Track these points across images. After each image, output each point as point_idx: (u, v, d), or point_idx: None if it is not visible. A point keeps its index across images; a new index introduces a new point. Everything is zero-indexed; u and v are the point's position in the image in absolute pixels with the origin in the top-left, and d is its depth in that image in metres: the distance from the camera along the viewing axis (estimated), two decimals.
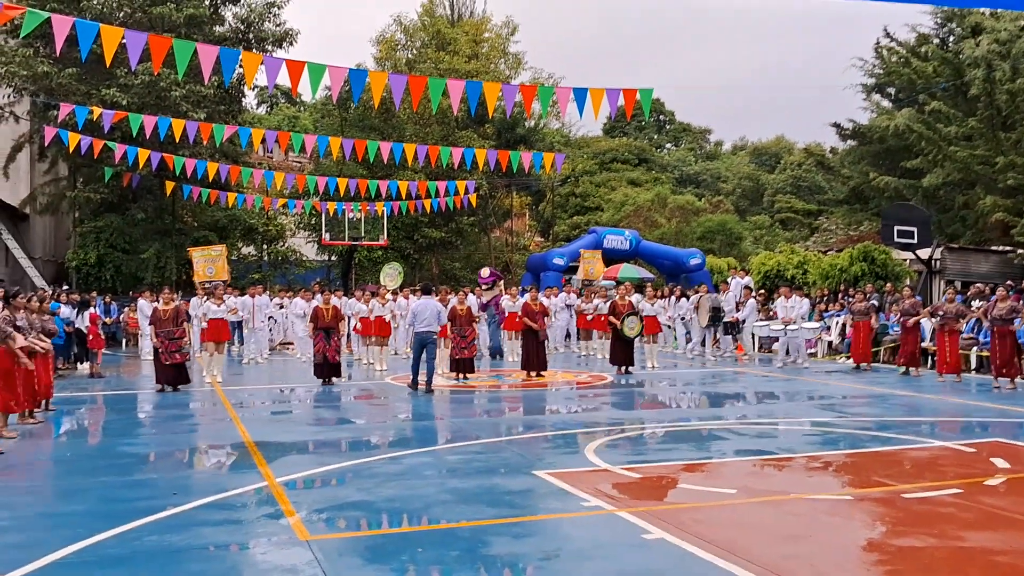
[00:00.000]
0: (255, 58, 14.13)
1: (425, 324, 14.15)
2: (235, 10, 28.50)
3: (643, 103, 14.13)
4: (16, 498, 7.16)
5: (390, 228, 30.21)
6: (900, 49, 32.70)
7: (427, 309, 14.27)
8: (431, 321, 14.18)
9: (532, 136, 41.24)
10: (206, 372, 16.46)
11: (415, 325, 14.34)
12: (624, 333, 16.84)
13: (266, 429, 10.60)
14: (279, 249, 32.53)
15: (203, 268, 21.88)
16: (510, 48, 41.17)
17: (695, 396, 14.21)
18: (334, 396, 14.04)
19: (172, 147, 22.85)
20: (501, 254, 39.81)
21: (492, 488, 7.33)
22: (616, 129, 59.55)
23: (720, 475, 7.98)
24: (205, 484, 7.62)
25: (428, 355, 14.25)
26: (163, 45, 12.03)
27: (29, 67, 23.94)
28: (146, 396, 14.21)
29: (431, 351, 14.33)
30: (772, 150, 59.48)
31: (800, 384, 15.41)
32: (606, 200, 44.78)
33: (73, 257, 27.50)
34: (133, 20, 25.19)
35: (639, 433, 10.30)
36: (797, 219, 45.14)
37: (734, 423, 11.05)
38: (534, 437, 9.97)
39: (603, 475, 7.81)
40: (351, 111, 32.20)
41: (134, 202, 27.78)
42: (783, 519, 6.40)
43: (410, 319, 14.76)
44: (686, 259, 30.39)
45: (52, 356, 12.57)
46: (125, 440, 9.95)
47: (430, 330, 14.19)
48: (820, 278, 23.88)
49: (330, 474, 8.05)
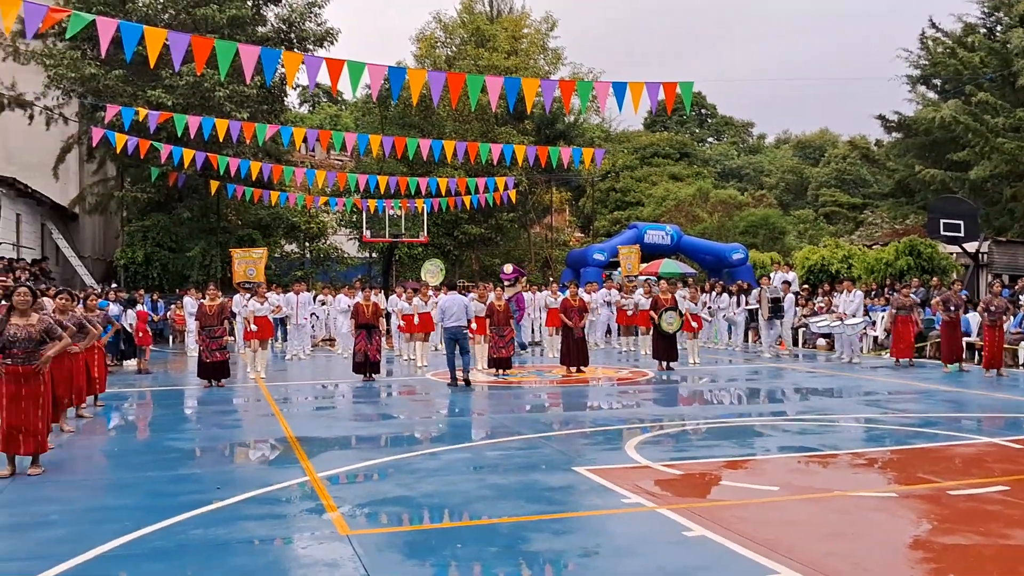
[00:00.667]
0: (296, 57, 14.25)
1: (454, 319, 14.48)
2: (277, 10, 28.82)
3: (684, 97, 14.01)
4: (66, 492, 7.31)
5: (430, 225, 30.33)
6: (946, 39, 32.08)
7: (455, 305, 14.61)
8: (460, 316, 14.52)
9: (572, 131, 41.14)
10: (250, 368, 16.68)
11: (444, 321, 14.66)
12: (662, 328, 16.74)
13: (308, 424, 10.71)
14: (321, 246, 32.83)
15: (243, 269, 22.16)
16: (549, 43, 41.12)
17: (737, 392, 14.08)
18: (375, 392, 14.14)
19: (216, 147, 23.20)
20: (541, 250, 39.79)
21: (532, 484, 7.33)
22: (657, 123, 59.21)
23: (762, 472, 7.90)
24: (249, 479, 7.72)
25: (461, 349, 14.55)
26: (206, 46, 12.19)
27: (77, 69, 24.41)
28: (192, 392, 14.43)
29: (463, 345, 14.60)
30: (816, 143, 58.79)
31: (844, 380, 15.20)
32: (647, 195, 44.55)
33: (121, 256, 28.02)
34: (177, 21, 25.57)
35: (680, 429, 10.23)
36: (842, 213, 44.57)
37: (777, 419, 10.93)
38: (574, 433, 9.95)
39: (644, 472, 7.78)
40: (391, 109, 32.37)
41: (180, 201, 28.23)
42: (826, 516, 6.32)
43: (439, 315, 15.12)
44: (728, 254, 30.13)
45: (103, 352, 12.82)
46: (171, 435, 10.12)
47: (459, 325, 14.53)
48: (865, 273, 23.53)
49: (370, 469, 8.11)
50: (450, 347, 14.67)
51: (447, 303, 14.77)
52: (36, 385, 7.88)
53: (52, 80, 25.45)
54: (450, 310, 14.54)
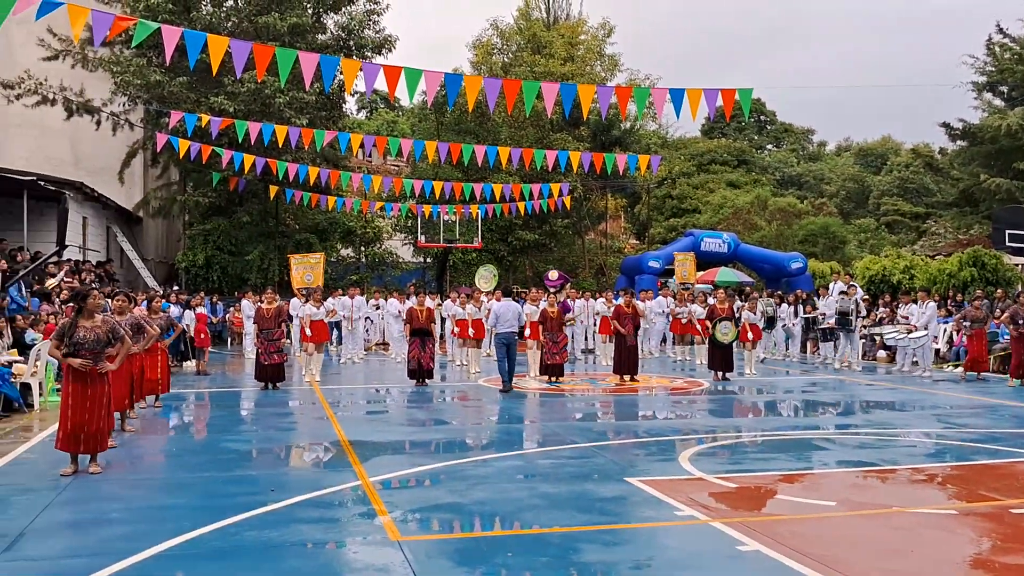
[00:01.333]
0: (354, 65, 14.41)
1: (507, 325, 14.76)
2: (336, 18, 29.17)
3: (742, 103, 13.84)
4: (126, 491, 7.47)
5: (484, 230, 30.41)
6: (1014, 45, 31.25)
7: (508, 311, 14.89)
8: (512, 322, 14.80)
9: (628, 138, 40.90)
10: (305, 371, 16.88)
11: (497, 327, 14.87)
12: (717, 338, 16.55)
13: (361, 428, 10.80)
14: (376, 251, 33.12)
15: (301, 275, 22.44)
16: (606, 50, 40.94)
17: (794, 404, 13.85)
18: (427, 397, 14.20)
19: (276, 152, 23.55)
20: (595, 256, 39.62)
21: (583, 494, 7.28)
22: (715, 130, 58.65)
23: (819, 487, 7.74)
24: (302, 481, 7.80)
25: (511, 355, 14.73)
26: (267, 53, 12.39)
27: (142, 76, 25.00)
28: (248, 393, 14.65)
29: (513, 352, 14.78)
30: (878, 151, 57.73)
31: (905, 393, 14.85)
32: (704, 202, 44.15)
33: (182, 258, 28.60)
34: (240, 29, 26.03)
35: (735, 441, 10.09)
36: (904, 222, 43.67)
37: (835, 432, 10.72)
38: (627, 443, 9.87)
39: (698, 484, 7.68)
40: (447, 115, 32.56)
41: (240, 205, 28.73)
42: (885, 533, 6.17)
43: (492, 321, 15.35)
44: (787, 263, 29.68)
45: (166, 353, 13.10)
46: (228, 436, 10.28)
47: (511, 331, 14.78)
48: (927, 284, 22.99)
49: (422, 475, 8.14)
50: (501, 352, 14.88)
51: (500, 309, 14.97)
52: (101, 385, 8.07)
53: (119, 87, 26.09)
54: (503, 316, 14.80)
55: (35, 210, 22.31)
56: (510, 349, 14.70)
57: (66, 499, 7.12)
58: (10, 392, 12.05)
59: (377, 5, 28.90)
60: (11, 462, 8.74)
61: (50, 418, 11.50)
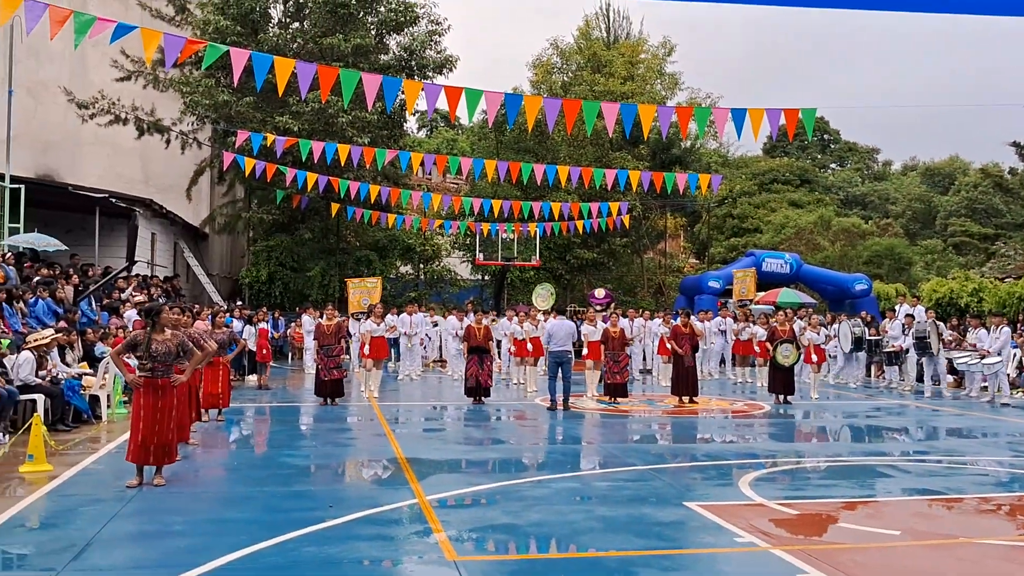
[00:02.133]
0: (415, 86, 14.58)
1: (560, 344, 14.61)
2: (399, 39, 29.57)
3: (806, 123, 13.65)
4: (189, 504, 7.61)
5: (542, 249, 30.43)
6: None
7: (561, 329, 14.77)
8: (565, 341, 14.66)
9: (688, 157, 40.65)
10: (364, 387, 17.04)
11: (550, 345, 14.80)
12: (778, 361, 16.29)
13: (418, 446, 10.84)
14: (435, 268, 33.35)
15: (358, 299, 22.68)
16: (666, 68, 40.82)
17: (858, 429, 13.54)
18: (484, 415, 14.22)
19: (338, 170, 23.91)
20: (654, 276, 39.37)
21: (641, 518, 7.20)
22: (777, 149, 57.94)
23: (883, 515, 7.55)
24: (360, 498, 7.86)
25: (564, 374, 14.55)
26: (330, 75, 12.61)
27: (211, 97, 25.63)
28: (308, 408, 14.83)
29: (567, 370, 14.60)
30: (945, 170, 56.41)
31: (973, 419, 14.42)
32: (765, 222, 43.56)
33: (246, 274, 29.14)
34: (305, 51, 26.55)
35: (797, 467, 9.90)
36: (972, 244, 42.52)
37: (899, 459, 10.45)
38: (685, 466, 9.75)
39: (758, 510, 7.55)
40: (506, 134, 32.72)
41: (302, 223, 29.20)
42: (950, 564, 5.99)
43: (545, 339, 15.33)
44: (851, 284, 29.11)
45: (227, 368, 13.34)
46: (287, 451, 10.42)
47: (564, 349, 14.62)
48: (997, 307, 22.34)
49: (478, 494, 8.14)
50: (553, 371, 14.80)
51: (554, 327, 14.92)
52: (171, 398, 8.27)
53: (188, 107, 26.78)
54: (557, 335, 14.71)
55: (106, 226, 22.99)
56: (563, 368, 14.60)
57: (131, 511, 7.28)
58: (80, 404, 12.38)
59: (439, 26, 29.23)
60: (80, 472, 8.97)
61: (117, 430, 11.80)
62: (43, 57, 28.92)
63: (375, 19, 28.77)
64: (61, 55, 28.41)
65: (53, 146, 29.80)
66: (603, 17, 42.63)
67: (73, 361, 13.60)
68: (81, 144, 29.65)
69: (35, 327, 13.80)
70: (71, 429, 11.87)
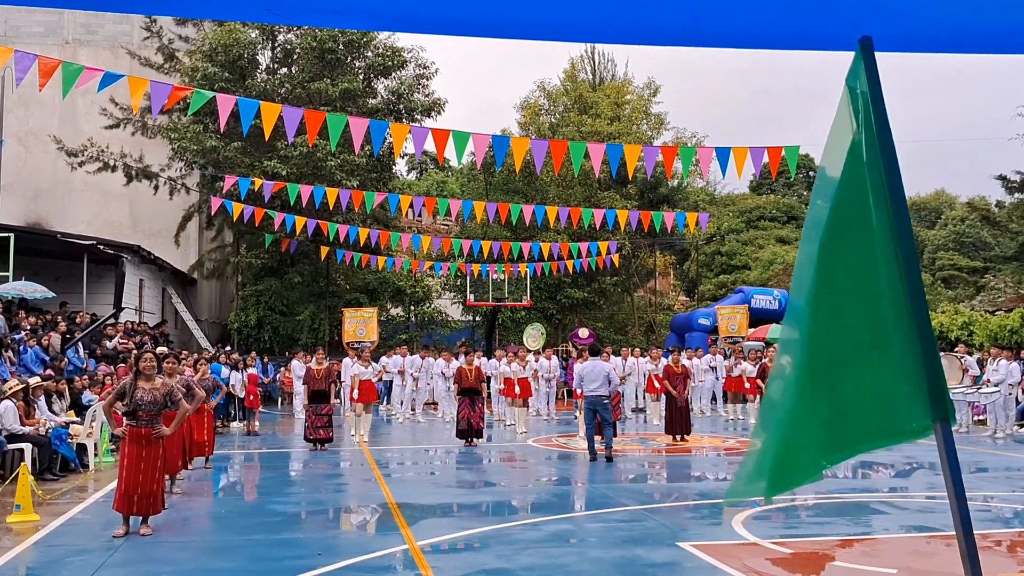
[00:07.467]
0: (403, 129, 14.70)
1: (595, 388, 13.17)
2: (387, 83, 29.83)
3: (789, 161, 13.81)
4: (176, 553, 7.49)
5: (533, 288, 30.46)
6: None
7: (595, 371, 13.28)
8: (602, 384, 13.18)
9: (675, 195, 40.90)
10: (354, 431, 16.90)
11: (583, 388, 13.41)
12: None
13: (409, 490, 10.74)
14: (425, 310, 33.32)
15: (354, 329, 22.64)
16: (652, 109, 41.21)
17: (850, 465, 13.47)
18: (475, 458, 14.10)
19: (327, 214, 23.96)
20: (644, 314, 39.39)
21: (635, 559, 7.12)
22: (763, 186, 58.38)
23: (879, 552, 7.48)
24: (350, 545, 7.76)
25: (603, 419, 13.27)
26: (317, 119, 12.68)
27: (199, 142, 25.74)
28: (298, 454, 14.69)
29: (605, 416, 13.30)
30: (932, 205, 56.86)
31: (968, 454, 14.38)
32: (753, 258, 43.77)
33: (235, 319, 29.04)
34: (293, 96, 26.74)
35: (790, 504, 9.82)
36: (961, 277, 42.75)
37: (896, 495, 10.40)
38: (678, 506, 9.68)
39: (752, 549, 7.47)
40: (495, 175, 32.90)
41: (292, 266, 29.18)
42: None
43: (577, 382, 13.93)
44: None
45: (211, 414, 13.22)
46: (276, 498, 10.29)
47: (600, 394, 13.18)
48: (987, 340, 22.40)
49: (470, 538, 8.04)
50: (589, 417, 13.42)
51: (587, 370, 13.41)
52: (156, 448, 8.17)
53: (176, 152, 26.88)
54: (590, 377, 13.21)
55: (94, 273, 22.94)
56: (600, 413, 13.21)
57: (118, 561, 7.16)
58: (67, 452, 12.23)
59: (426, 70, 29.52)
60: (67, 522, 8.84)
61: (104, 479, 11.65)
62: (33, 106, 29.09)
63: (363, 64, 29.06)
64: (51, 104, 28.54)
65: (43, 194, 29.87)
66: (588, 60, 43.09)
67: (60, 410, 13.47)
68: (70, 191, 29.73)
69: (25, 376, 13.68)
70: (58, 478, 11.72)
